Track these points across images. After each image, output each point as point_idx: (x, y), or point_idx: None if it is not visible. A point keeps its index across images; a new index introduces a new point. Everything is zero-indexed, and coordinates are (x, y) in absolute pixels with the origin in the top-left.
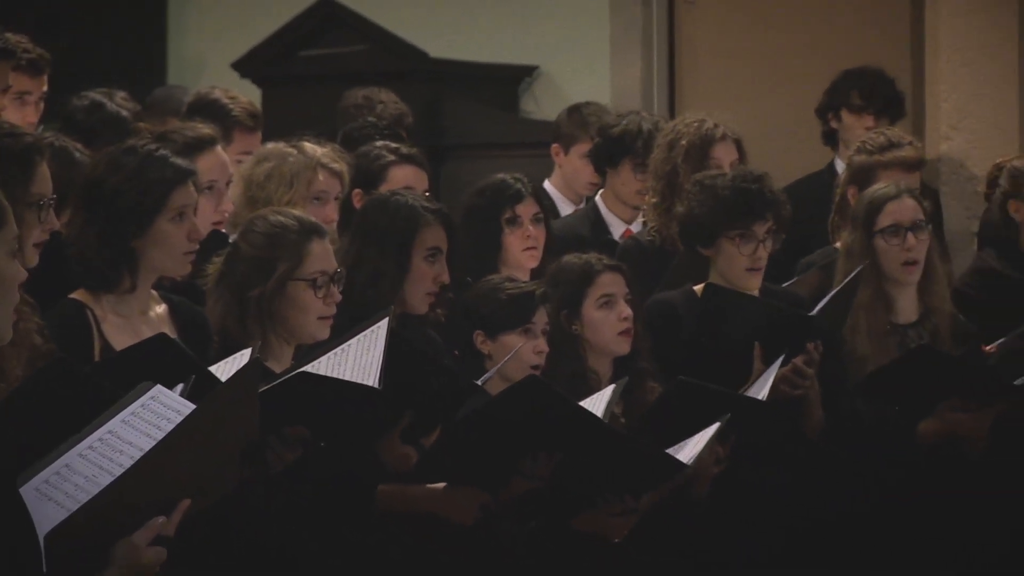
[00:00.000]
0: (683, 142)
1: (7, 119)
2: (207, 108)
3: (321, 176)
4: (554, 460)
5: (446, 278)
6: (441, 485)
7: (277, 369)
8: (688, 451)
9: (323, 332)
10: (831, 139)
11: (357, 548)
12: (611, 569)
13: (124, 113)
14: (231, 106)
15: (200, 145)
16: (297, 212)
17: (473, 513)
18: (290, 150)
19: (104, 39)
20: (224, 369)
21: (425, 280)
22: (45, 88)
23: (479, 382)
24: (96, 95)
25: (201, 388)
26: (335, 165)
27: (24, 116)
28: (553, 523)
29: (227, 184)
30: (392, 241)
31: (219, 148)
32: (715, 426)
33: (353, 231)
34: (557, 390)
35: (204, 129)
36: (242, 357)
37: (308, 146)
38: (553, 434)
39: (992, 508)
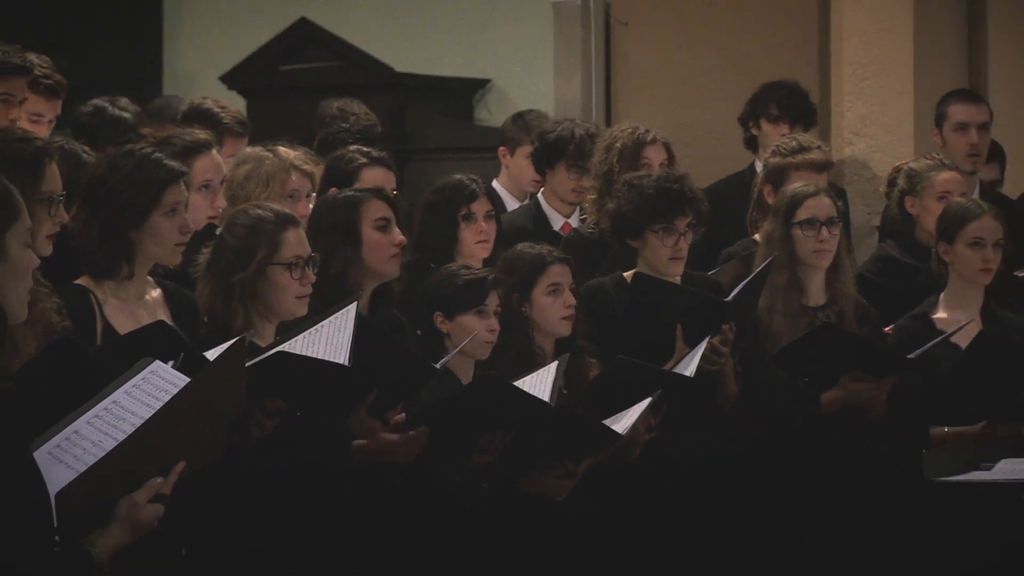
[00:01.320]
0: (618, 145)
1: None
2: (200, 116)
3: (294, 177)
4: (507, 438)
5: (401, 239)
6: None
7: (262, 344)
8: (623, 422)
9: (301, 309)
10: (751, 144)
11: (331, 503)
12: (552, 523)
13: (125, 115)
14: (222, 115)
15: (197, 148)
16: (273, 205)
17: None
18: (266, 154)
19: (105, 54)
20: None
21: (382, 247)
22: (58, 113)
23: (439, 364)
24: (100, 101)
25: (190, 366)
26: (306, 167)
27: (36, 133)
28: (504, 485)
29: (221, 183)
30: (340, 223)
31: (214, 151)
32: (648, 400)
33: (310, 228)
34: (512, 384)
35: (200, 134)
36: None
37: (282, 150)
38: (507, 418)
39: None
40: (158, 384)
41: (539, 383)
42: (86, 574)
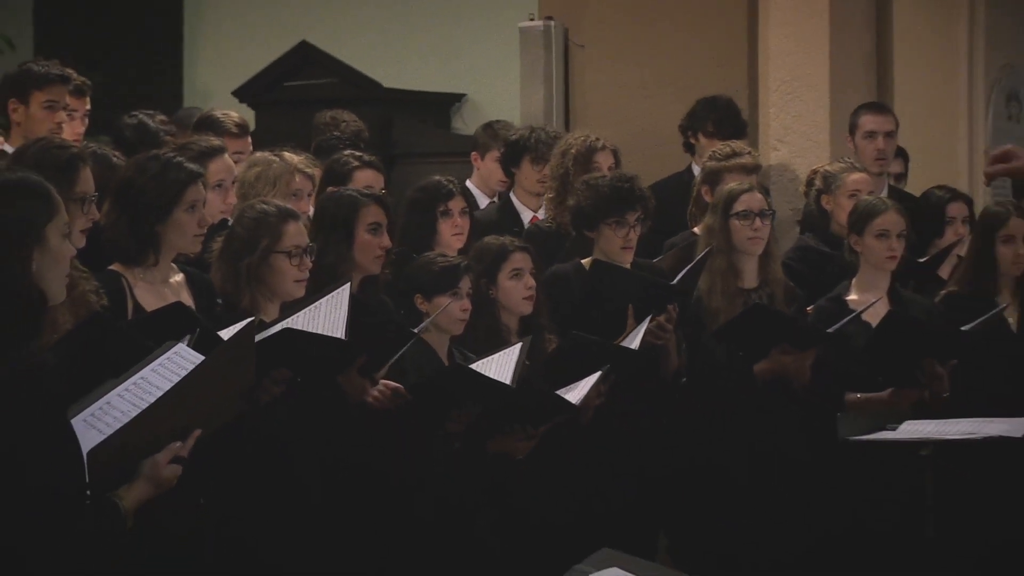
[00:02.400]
0: (572, 151)
1: (65, 133)
2: (207, 123)
3: (297, 178)
4: (475, 411)
5: (387, 243)
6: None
7: (267, 319)
8: (577, 392)
9: (299, 291)
10: (689, 148)
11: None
12: (515, 479)
13: (163, 130)
14: (223, 120)
15: (212, 153)
16: (277, 201)
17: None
18: (273, 158)
19: (133, 71)
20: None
21: (370, 247)
22: (88, 107)
23: (416, 330)
24: (142, 115)
25: (204, 341)
26: (308, 170)
27: (73, 128)
28: (472, 446)
29: (232, 183)
30: (339, 222)
31: (226, 156)
32: (598, 373)
33: (314, 220)
34: (479, 373)
35: (215, 141)
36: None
37: (287, 155)
38: (475, 397)
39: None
40: (179, 363)
41: (505, 361)
42: (114, 522)
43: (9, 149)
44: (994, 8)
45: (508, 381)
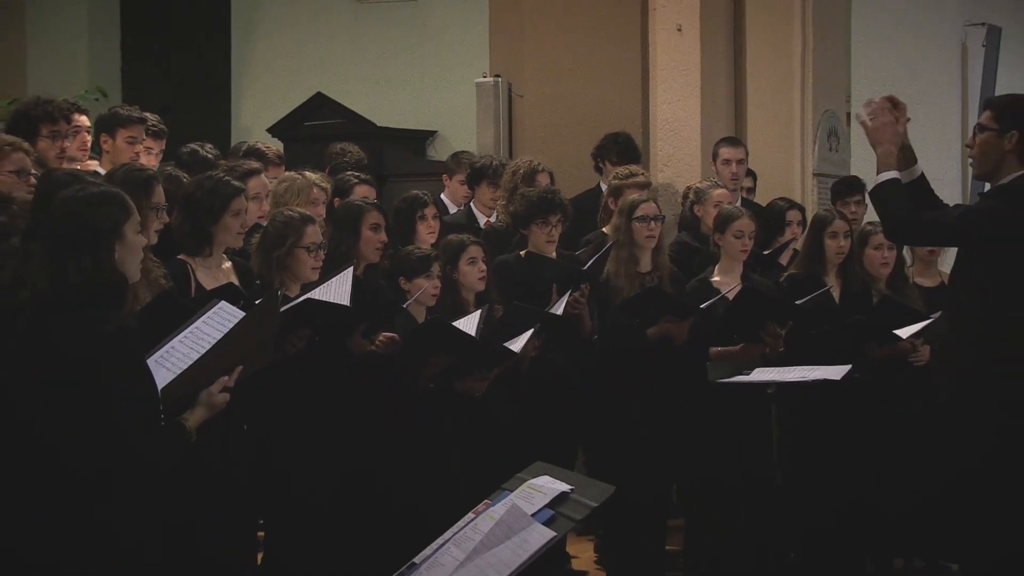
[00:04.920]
0: (520, 171)
1: (142, 161)
2: (254, 152)
3: (315, 191)
4: (448, 359)
5: (385, 239)
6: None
7: (291, 296)
8: (517, 344)
9: (315, 276)
10: (599, 171)
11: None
12: (473, 409)
13: (209, 156)
14: (266, 151)
15: (251, 173)
16: (299, 209)
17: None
18: (297, 176)
19: (193, 113)
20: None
21: (372, 242)
22: (163, 148)
23: (404, 306)
24: (194, 146)
25: (247, 308)
26: (323, 185)
27: (149, 161)
28: (442, 385)
29: (266, 195)
30: (347, 224)
31: (262, 175)
32: (531, 330)
33: (330, 222)
34: (450, 324)
35: (254, 164)
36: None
37: (308, 174)
38: (446, 345)
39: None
40: (224, 316)
41: (468, 323)
42: (181, 437)
43: (101, 171)
44: (819, 68)
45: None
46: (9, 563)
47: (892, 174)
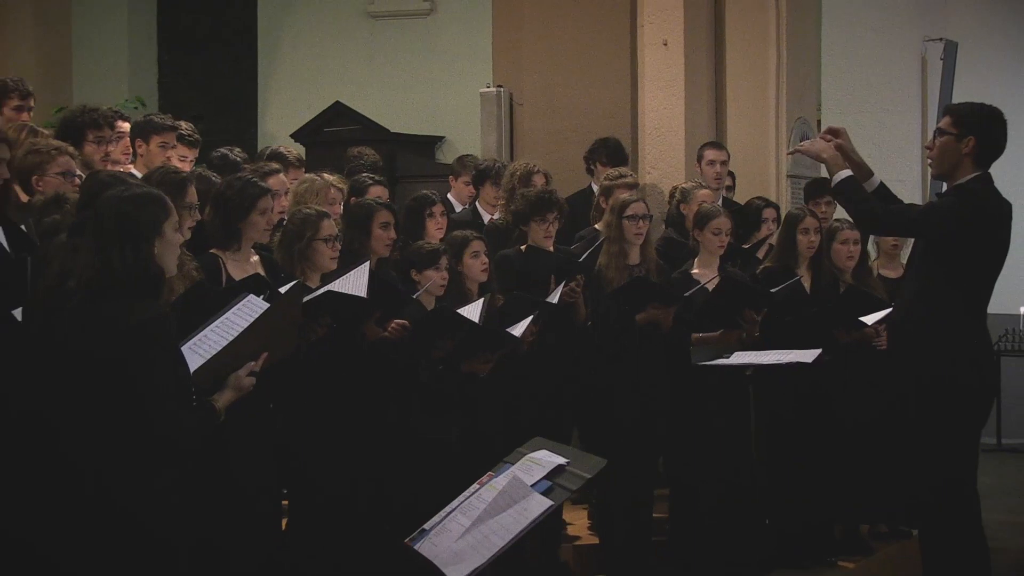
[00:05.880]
0: (518, 173)
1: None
2: (277, 156)
3: (332, 191)
4: (454, 342)
5: (394, 236)
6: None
7: (312, 286)
8: (518, 330)
9: (333, 266)
10: (591, 173)
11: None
12: (481, 387)
13: (238, 159)
14: (287, 154)
15: (271, 172)
16: (316, 206)
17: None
18: (316, 178)
19: (223, 121)
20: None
21: (382, 239)
22: (196, 155)
23: (415, 296)
24: (224, 150)
25: (272, 298)
26: (340, 185)
27: (183, 166)
28: (450, 366)
29: (284, 193)
30: (359, 222)
31: (282, 175)
32: (531, 317)
33: (344, 220)
34: (454, 310)
35: (274, 166)
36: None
37: (326, 175)
38: (453, 330)
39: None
40: (251, 308)
41: (472, 311)
42: (211, 416)
43: (138, 174)
44: (792, 80)
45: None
46: (40, 531)
47: (845, 173)
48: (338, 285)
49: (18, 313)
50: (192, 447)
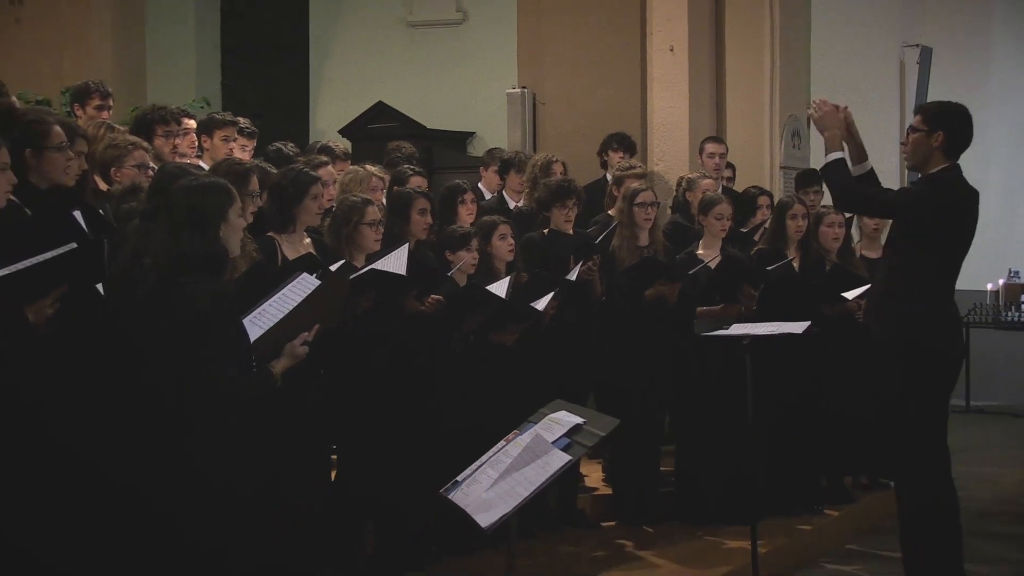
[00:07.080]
0: (539, 163)
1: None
2: (325, 150)
3: (374, 180)
4: (483, 317)
5: (431, 220)
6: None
7: (358, 266)
8: (541, 303)
9: (377, 247)
10: (604, 164)
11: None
12: (507, 356)
13: (291, 153)
14: (334, 148)
15: (320, 164)
16: (361, 194)
17: (416, 310)
18: (360, 169)
19: (279, 117)
20: (383, 263)
21: (420, 224)
22: (254, 145)
23: (449, 274)
24: (279, 144)
25: (323, 276)
26: (381, 175)
27: (243, 157)
28: (480, 337)
29: (332, 182)
30: (399, 208)
31: (330, 166)
32: (552, 293)
33: (387, 207)
34: (484, 287)
35: (323, 158)
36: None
37: (369, 166)
38: (483, 304)
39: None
40: (304, 285)
41: (500, 287)
42: (269, 382)
43: (204, 166)
44: (784, 81)
45: (503, 296)
46: (102, 484)
47: (838, 154)
48: (381, 264)
49: (100, 288)
50: (253, 407)
